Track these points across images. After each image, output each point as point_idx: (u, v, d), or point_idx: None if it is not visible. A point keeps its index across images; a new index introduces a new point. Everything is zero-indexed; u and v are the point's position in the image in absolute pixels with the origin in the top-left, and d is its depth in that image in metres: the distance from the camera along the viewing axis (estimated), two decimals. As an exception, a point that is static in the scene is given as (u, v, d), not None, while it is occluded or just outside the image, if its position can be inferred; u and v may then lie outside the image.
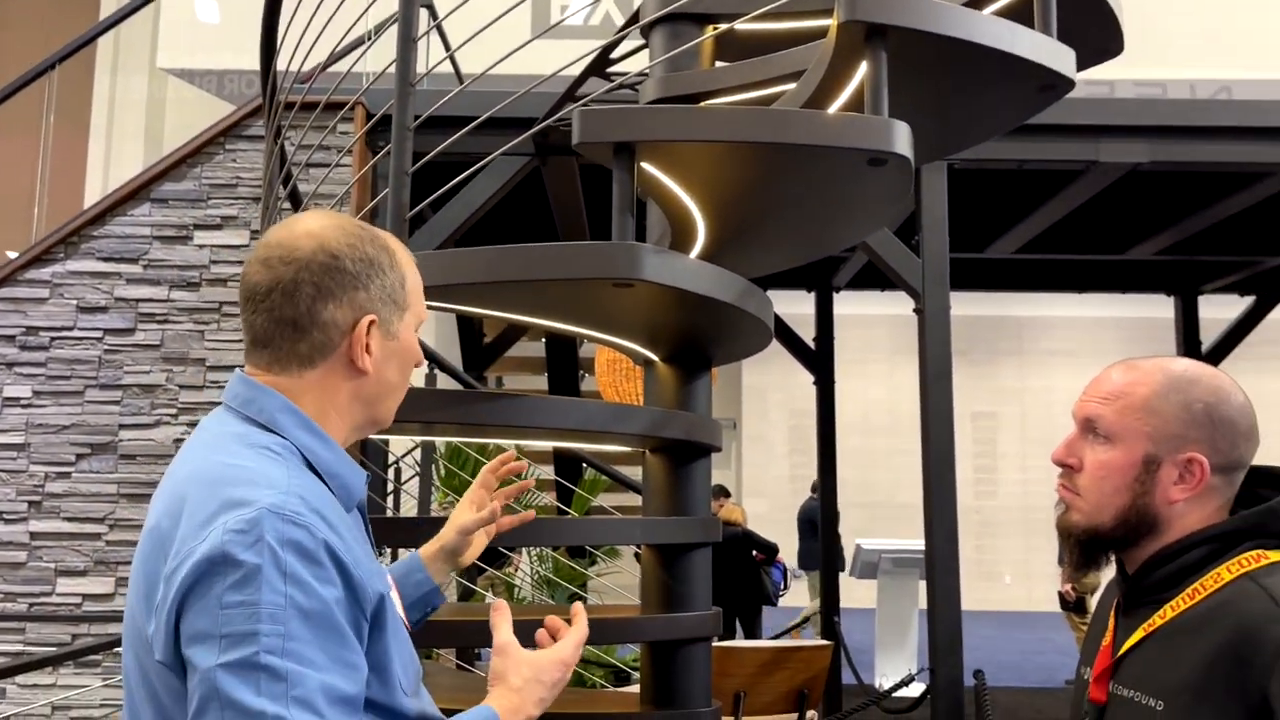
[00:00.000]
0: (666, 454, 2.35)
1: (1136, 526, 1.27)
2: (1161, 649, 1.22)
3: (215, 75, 12.92)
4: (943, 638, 4.01)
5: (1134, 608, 1.30)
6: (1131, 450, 1.27)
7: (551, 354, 6.94)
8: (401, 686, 1.13)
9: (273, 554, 1.00)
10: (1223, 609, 1.18)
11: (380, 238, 1.21)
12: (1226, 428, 1.26)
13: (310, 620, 1.00)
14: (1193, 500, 1.26)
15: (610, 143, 1.82)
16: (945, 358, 4.12)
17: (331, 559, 1.03)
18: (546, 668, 1.23)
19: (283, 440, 1.13)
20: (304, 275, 1.14)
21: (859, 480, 14.33)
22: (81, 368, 4.37)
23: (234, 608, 0.98)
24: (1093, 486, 1.29)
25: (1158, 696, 1.20)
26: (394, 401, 1.24)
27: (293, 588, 1.00)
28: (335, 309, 1.15)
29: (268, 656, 0.97)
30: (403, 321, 1.21)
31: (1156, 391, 1.27)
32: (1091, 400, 1.32)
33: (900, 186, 1.99)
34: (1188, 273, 6.73)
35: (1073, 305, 14.51)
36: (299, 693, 0.98)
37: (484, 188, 4.31)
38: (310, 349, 1.15)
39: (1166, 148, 4.39)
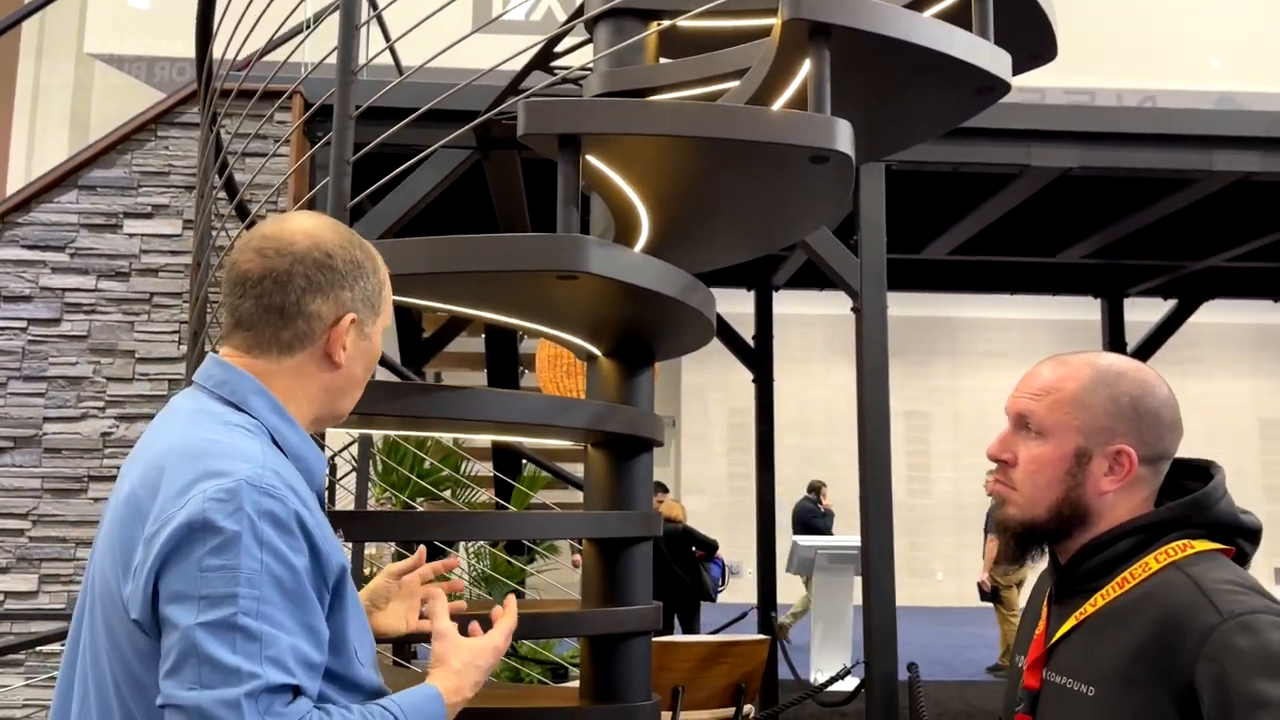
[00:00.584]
0: (609, 448, 2.36)
1: (1069, 518, 1.30)
2: (1092, 637, 1.25)
3: (145, 62, 12.60)
4: (878, 632, 4.08)
5: (1066, 597, 1.33)
6: (1063, 444, 1.30)
7: (491, 350, 6.90)
8: (358, 658, 1.19)
9: (251, 523, 1.07)
10: (1151, 597, 1.21)
11: (366, 245, 1.30)
12: (1152, 420, 1.29)
13: (282, 587, 1.08)
14: (1122, 491, 1.29)
15: (556, 134, 1.81)
16: (882, 356, 4.18)
17: (301, 530, 1.11)
18: (482, 652, 1.31)
19: (254, 420, 1.20)
20: (298, 268, 1.22)
21: (796, 478, 14.50)
22: (4, 359, 4.22)
23: (213, 571, 1.06)
24: (1027, 480, 1.32)
25: (1089, 683, 1.23)
26: (353, 398, 1.32)
27: (268, 555, 1.07)
28: (322, 303, 1.23)
29: (244, 618, 1.05)
30: (375, 325, 1.30)
31: (1085, 386, 1.30)
32: (1023, 396, 1.35)
33: (842, 184, 2.02)
34: (1114, 276, 6.92)
35: (1005, 308, 14.84)
36: (272, 653, 1.05)
37: (424, 180, 4.27)
38: (292, 337, 1.23)
39: (1096, 153, 4.52)
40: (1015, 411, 1.35)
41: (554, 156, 1.87)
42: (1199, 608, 1.16)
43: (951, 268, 6.80)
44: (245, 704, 1.03)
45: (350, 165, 2.05)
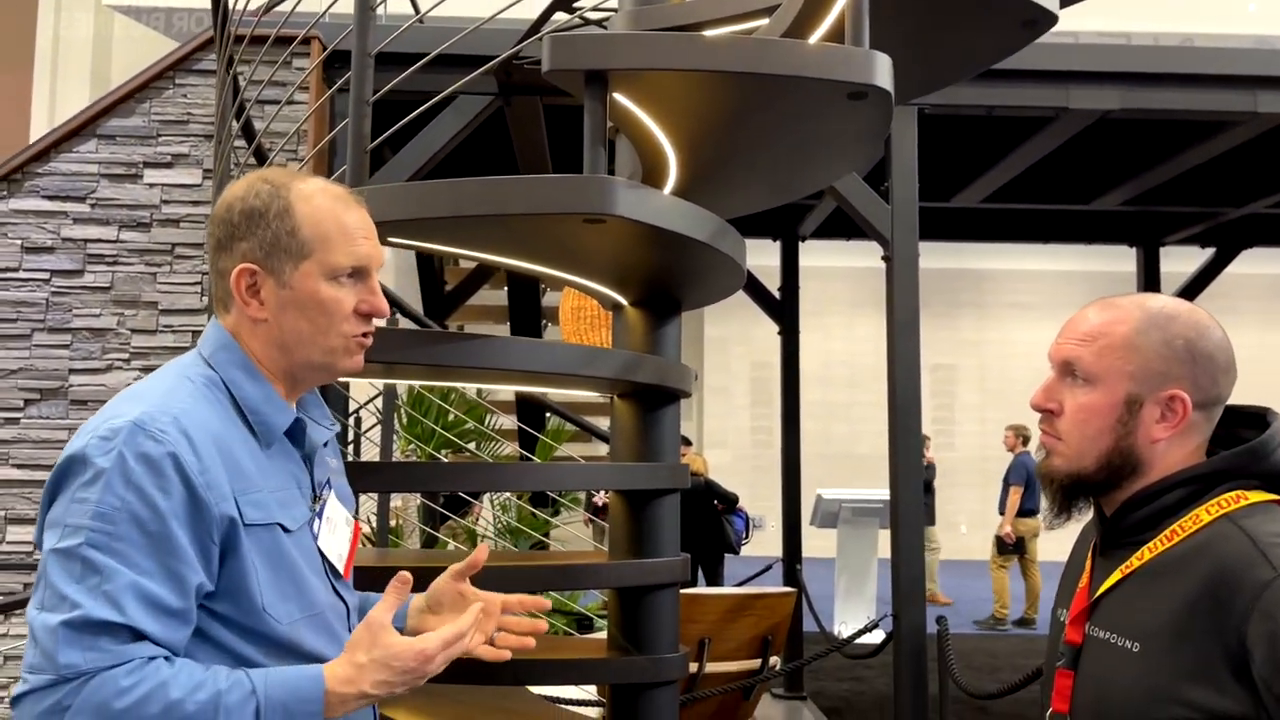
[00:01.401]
0: (636, 399, 2.31)
1: (1120, 468, 1.25)
2: (1139, 591, 1.21)
3: (163, 13, 12.52)
4: (906, 585, 4.04)
5: (1112, 549, 1.28)
6: (1113, 391, 1.24)
7: (514, 302, 6.86)
8: (267, 610, 1.17)
9: (121, 461, 1.10)
10: (1201, 551, 1.17)
11: (283, 187, 1.26)
12: (1206, 363, 1.23)
13: (143, 528, 1.09)
14: (1174, 439, 1.24)
15: (582, 71, 1.74)
16: (913, 306, 4.10)
17: (179, 474, 1.11)
18: (401, 654, 1.17)
19: (213, 374, 1.23)
20: (210, 229, 1.28)
21: (819, 432, 14.45)
22: (29, 310, 4.22)
23: (78, 503, 1.10)
24: (1074, 430, 1.26)
25: (1134, 638, 1.19)
26: (313, 348, 1.26)
27: (131, 494, 1.09)
28: (226, 259, 1.25)
29: (89, 550, 1.07)
30: (299, 269, 1.24)
31: (1137, 329, 1.24)
32: (1069, 342, 1.28)
33: (879, 122, 1.93)
34: (1150, 224, 6.76)
35: (1033, 259, 14.62)
36: (108, 588, 1.06)
37: (446, 128, 4.19)
38: (222, 294, 1.27)
39: (1138, 95, 4.37)
40: (1061, 359, 1.29)
41: (579, 95, 1.79)
42: (1253, 562, 1.12)
43: (982, 216, 6.66)
44: (60, 631, 1.04)
45: (369, 106, 1.99)
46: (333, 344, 1.26)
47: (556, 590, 4.80)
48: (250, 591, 1.16)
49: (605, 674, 2.34)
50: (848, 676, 6.73)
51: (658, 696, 2.24)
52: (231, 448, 1.17)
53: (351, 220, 1.27)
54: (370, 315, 1.28)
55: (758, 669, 3.99)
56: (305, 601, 1.22)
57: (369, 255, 1.28)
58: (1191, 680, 1.13)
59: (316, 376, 1.31)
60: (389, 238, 1.95)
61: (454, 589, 1.39)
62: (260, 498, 1.18)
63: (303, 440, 1.30)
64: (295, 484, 1.27)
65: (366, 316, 1.27)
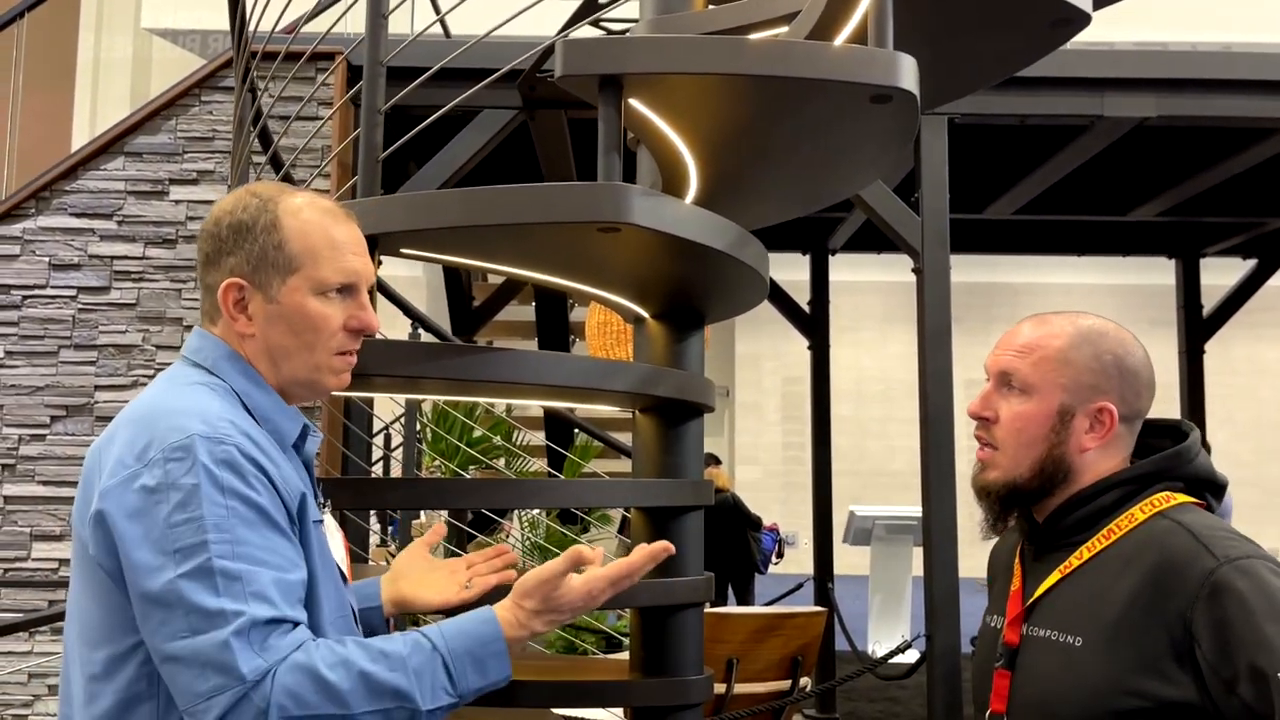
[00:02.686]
0: (657, 414, 2.25)
1: (1051, 475, 1.32)
2: (1079, 588, 1.27)
3: (199, 35, 12.72)
4: (940, 604, 3.95)
5: (1045, 553, 1.34)
6: (1047, 401, 1.31)
7: (541, 317, 6.83)
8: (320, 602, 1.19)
9: (208, 472, 1.10)
10: (1143, 545, 1.23)
11: (271, 201, 1.25)
12: (1132, 379, 1.32)
13: (252, 526, 1.10)
14: (1101, 449, 1.32)
15: (596, 75, 1.69)
16: (944, 319, 4.01)
17: (257, 469, 1.14)
18: (567, 595, 1.25)
19: (223, 383, 1.22)
20: (199, 243, 1.28)
21: (851, 448, 14.31)
22: (55, 327, 4.24)
23: (181, 525, 1.08)
24: (1010, 438, 1.33)
25: (1076, 634, 1.24)
26: (299, 363, 1.25)
27: (232, 499, 1.10)
28: (214, 274, 1.25)
29: (220, 561, 1.07)
30: (286, 284, 1.22)
31: (1070, 344, 1.32)
32: (1006, 353, 1.36)
33: (905, 127, 1.87)
34: (1189, 235, 6.62)
35: (1068, 272, 14.44)
36: (255, 588, 1.08)
37: (470, 142, 4.18)
38: (210, 308, 1.27)
39: (1174, 101, 4.27)
40: (998, 369, 1.36)
41: (594, 101, 1.74)
42: (1195, 553, 1.18)
43: (1015, 228, 6.55)
44: (234, 642, 1.05)
45: (381, 116, 1.95)
46: (318, 361, 1.25)
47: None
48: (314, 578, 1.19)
49: (627, 696, 2.27)
50: (881, 697, 6.59)
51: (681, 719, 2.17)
52: (271, 450, 1.20)
53: (340, 235, 1.25)
54: (360, 331, 1.26)
55: (787, 690, 3.90)
56: (338, 600, 1.25)
57: (358, 271, 1.26)
58: (1138, 671, 1.17)
59: (302, 393, 1.30)
60: (401, 249, 1.91)
61: (420, 559, 1.53)
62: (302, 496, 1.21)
63: (302, 448, 1.30)
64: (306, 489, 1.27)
65: (356, 333, 1.26)
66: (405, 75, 2.38)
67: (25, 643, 4.10)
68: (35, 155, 4.92)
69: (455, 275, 6.62)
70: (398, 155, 2.03)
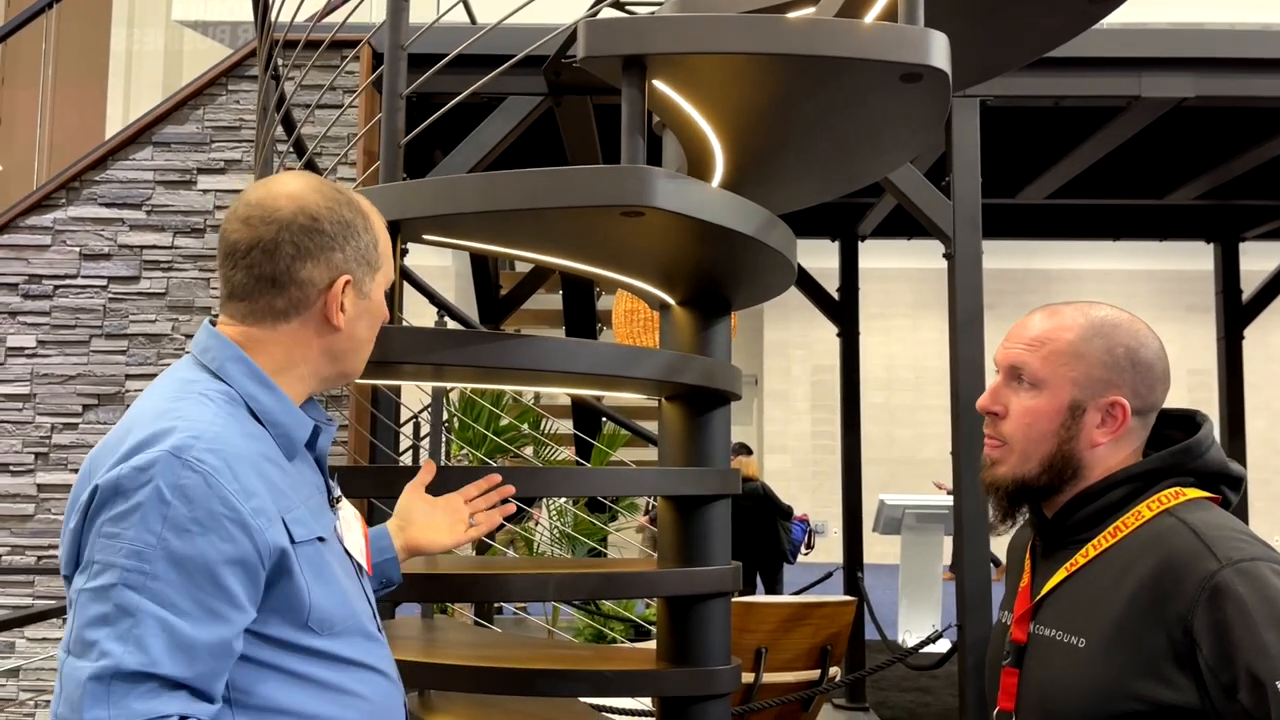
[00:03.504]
0: (683, 402, 2.22)
1: (1061, 471, 1.29)
2: (1084, 587, 1.24)
3: (229, 26, 12.81)
4: (971, 594, 3.89)
5: (1054, 550, 1.32)
6: (1058, 396, 1.29)
7: (568, 306, 6.82)
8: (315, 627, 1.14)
9: (158, 495, 1.03)
10: (1146, 545, 1.20)
11: (356, 202, 1.27)
12: (1145, 372, 1.28)
13: (181, 566, 1.02)
14: (1113, 444, 1.28)
15: (619, 56, 1.66)
16: (976, 305, 3.95)
17: (226, 508, 1.06)
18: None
19: (227, 388, 1.18)
20: (284, 235, 1.20)
21: (881, 436, 14.20)
22: (86, 317, 4.27)
23: (109, 538, 1.02)
24: (1019, 433, 1.31)
25: (1080, 634, 1.22)
26: (361, 357, 1.29)
27: (169, 531, 1.02)
28: (313, 268, 1.21)
29: (125, 591, 1.00)
30: (374, 282, 1.27)
31: (1081, 336, 1.29)
32: (1015, 347, 1.33)
33: (936, 107, 1.82)
34: (1229, 218, 6.48)
35: (1102, 258, 14.22)
36: (140, 632, 1.00)
37: (496, 130, 4.15)
38: (287, 305, 1.21)
39: (1215, 82, 4.16)
40: (1008, 363, 1.33)
41: (617, 83, 1.71)
42: (1197, 554, 1.15)
43: (1049, 212, 6.44)
44: (89, 685, 0.98)
45: (403, 100, 1.93)
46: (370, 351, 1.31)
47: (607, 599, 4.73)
48: (302, 607, 1.13)
49: (654, 686, 2.25)
50: (912, 687, 6.54)
51: (709, 709, 2.15)
52: (265, 467, 1.14)
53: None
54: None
55: (817, 679, 3.87)
56: (347, 610, 1.20)
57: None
58: (1139, 674, 1.15)
59: (340, 382, 1.33)
60: (424, 235, 1.89)
61: (419, 501, 1.54)
62: (300, 514, 1.16)
63: (315, 444, 1.27)
64: (316, 490, 1.26)
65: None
66: (428, 62, 2.36)
67: (58, 629, 4.15)
68: (70, 148, 4.96)
69: (482, 264, 6.62)
70: (424, 144, 2.02)
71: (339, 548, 1.25)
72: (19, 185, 5.81)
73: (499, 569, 2.56)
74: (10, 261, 4.31)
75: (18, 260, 4.31)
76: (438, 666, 2.13)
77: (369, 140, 4.05)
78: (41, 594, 4.16)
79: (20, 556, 4.20)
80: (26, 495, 4.22)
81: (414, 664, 2.13)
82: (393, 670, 1.27)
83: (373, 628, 1.26)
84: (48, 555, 4.19)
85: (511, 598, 3.22)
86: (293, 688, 1.12)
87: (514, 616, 6.81)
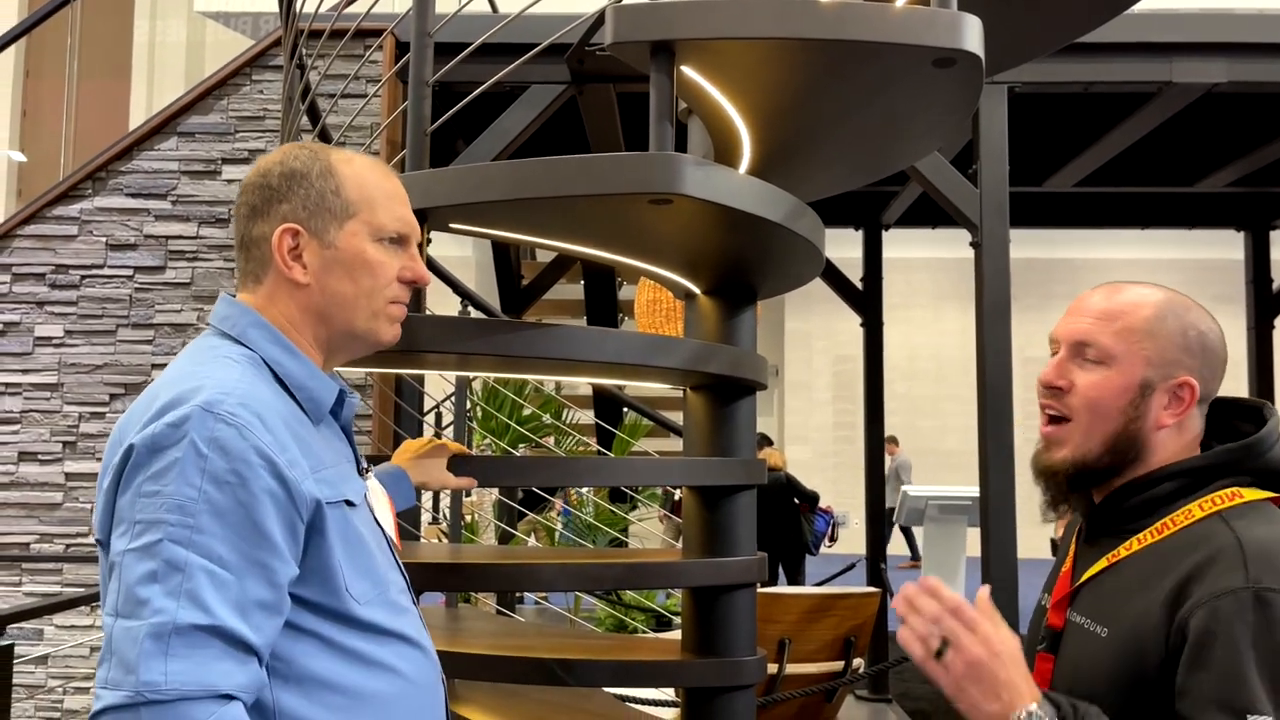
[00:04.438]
0: (709, 391, 2.21)
1: (1124, 452, 1.24)
2: (1119, 580, 1.21)
3: (250, 17, 12.86)
4: (998, 585, 3.86)
5: (1099, 537, 1.28)
6: (1129, 373, 1.24)
7: (590, 296, 6.80)
8: (350, 593, 1.12)
9: (194, 449, 1.02)
10: (1189, 549, 1.15)
11: (320, 152, 1.23)
12: (1212, 357, 1.25)
13: (224, 518, 1.01)
14: (1174, 428, 1.24)
15: (647, 42, 1.64)
16: (1004, 293, 3.91)
17: (262, 459, 1.04)
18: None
19: (250, 352, 1.16)
20: (243, 198, 1.22)
21: (904, 427, 14.13)
22: (113, 306, 4.30)
23: (149, 496, 1.01)
24: (1085, 409, 1.25)
25: (1105, 623, 1.19)
26: (357, 314, 1.21)
27: (209, 484, 1.01)
28: (262, 224, 1.19)
29: (172, 546, 0.99)
30: (344, 229, 1.20)
31: (1158, 313, 1.25)
32: (1083, 320, 1.28)
33: (969, 93, 1.79)
34: (1260, 206, 6.39)
35: (1130, 247, 14.07)
36: (192, 586, 0.98)
37: (519, 118, 4.14)
38: (256, 266, 1.21)
39: (1248, 66, 4.09)
40: (1074, 339, 1.28)
41: (646, 69, 1.69)
42: (1231, 566, 1.10)
43: (1076, 201, 6.37)
44: (145, 644, 0.96)
45: (429, 88, 1.92)
46: (376, 307, 1.21)
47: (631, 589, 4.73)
48: (334, 572, 1.11)
49: (678, 677, 2.25)
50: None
51: (734, 700, 2.14)
52: (295, 426, 1.12)
53: (392, 186, 1.25)
54: (412, 283, 1.24)
55: (840, 671, 3.85)
56: (377, 578, 1.17)
57: (411, 221, 1.25)
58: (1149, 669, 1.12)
59: (355, 346, 1.25)
60: (450, 223, 1.88)
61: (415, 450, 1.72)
62: (329, 474, 1.13)
63: (340, 412, 1.26)
64: (344, 459, 1.23)
65: (409, 284, 1.24)
66: (452, 51, 2.35)
67: (87, 617, 4.19)
68: (95, 139, 4.99)
69: (504, 253, 6.62)
70: (446, 133, 2.02)
71: (369, 515, 1.22)
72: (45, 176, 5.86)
73: (523, 558, 2.56)
74: (37, 252, 4.34)
75: (45, 250, 4.34)
76: (462, 655, 2.13)
77: (393, 130, 4.04)
78: (70, 581, 4.20)
79: (49, 544, 4.24)
80: (54, 484, 4.26)
81: (438, 653, 2.14)
82: (428, 643, 1.25)
83: (405, 600, 1.24)
84: (76, 543, 4.23)
85: (536, 587, 3.23)
86: (332, 658, 1.10)
87: (535, 606, 6.83)
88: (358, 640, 1.12)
